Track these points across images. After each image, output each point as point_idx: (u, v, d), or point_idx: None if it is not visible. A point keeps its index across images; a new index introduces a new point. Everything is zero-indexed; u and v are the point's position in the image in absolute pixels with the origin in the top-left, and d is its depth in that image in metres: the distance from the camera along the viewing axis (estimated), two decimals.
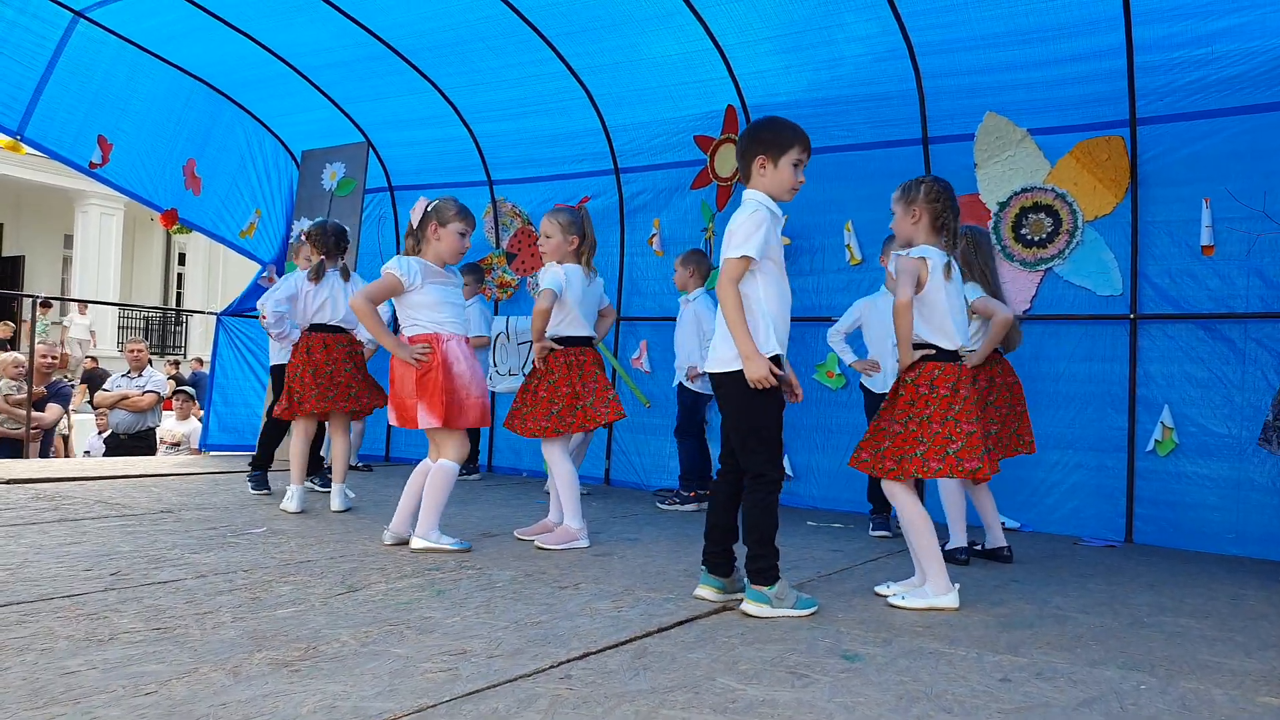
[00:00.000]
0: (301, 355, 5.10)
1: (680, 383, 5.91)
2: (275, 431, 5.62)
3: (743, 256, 3.08)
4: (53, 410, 8.48)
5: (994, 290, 4.25)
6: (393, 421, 4.12)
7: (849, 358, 5.09)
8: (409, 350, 3.97)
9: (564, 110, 7.08)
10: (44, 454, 8.53)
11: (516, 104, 7.21)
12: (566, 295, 4.23)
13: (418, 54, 7.01)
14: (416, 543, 3.97)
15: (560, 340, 4.30)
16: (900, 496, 3.37)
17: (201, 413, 9.14)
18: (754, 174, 3.23)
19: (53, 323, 17.51)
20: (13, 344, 12.76)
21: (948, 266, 3.37)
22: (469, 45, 6.77)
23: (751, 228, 3.10)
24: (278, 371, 5.65)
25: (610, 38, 6.39)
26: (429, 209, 4.08)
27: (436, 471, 4.03)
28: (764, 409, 3.17)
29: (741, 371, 3.09)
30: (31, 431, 8.23)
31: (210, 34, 6.99)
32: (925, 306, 3.34)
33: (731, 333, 3.10)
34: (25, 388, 8.19)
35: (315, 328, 5.14)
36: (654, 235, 7.00)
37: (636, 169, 7.12)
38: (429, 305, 4.04)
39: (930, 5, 5.39)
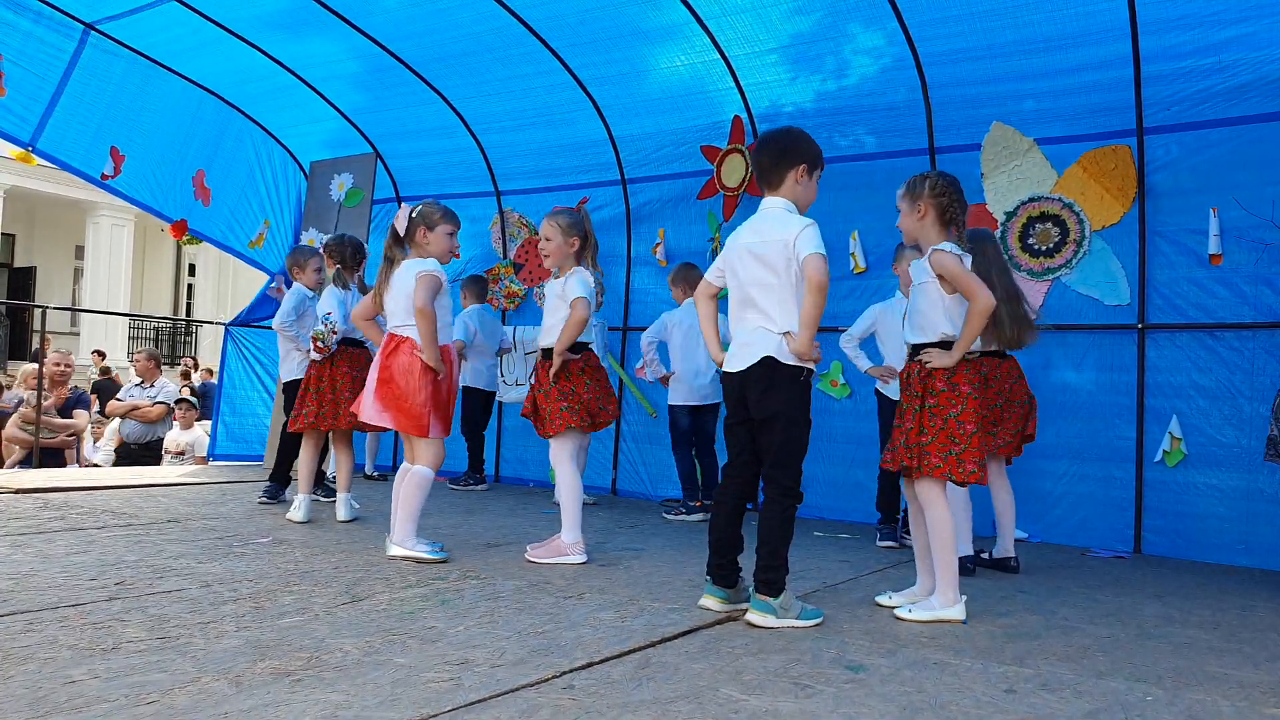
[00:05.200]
0: (316, 367, 5.09)
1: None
2: (292, 445, 5.59)
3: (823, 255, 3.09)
4: (81, 415, 8.55)
5: (1004, 296, 4.16)
6: (390, 425, 4.06)
7: (864, 364, 5.03)
8: (440, 362, 4.02)
9: (571, 121, 7.10)
10: (80, 459, 8.66)
11: (524, 115, 7.25)
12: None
13: (425, 65, 7.05)
14: (393, 550, 3.97)
15: (576, 348, 4.14)
16: (937, 502, 3.29)
17: (201, 421, 9.18)
18: (788, 181, 3.24)
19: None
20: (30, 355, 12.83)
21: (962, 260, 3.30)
22: (476, 57, 6.81)
23: (815, 234, 3.12)
24: (290, 388, 5.59)
25: (617, 49, 6.42)
26: (414, 215, 4.08)
27: (413, 478, 4.02)
28: (807, 416, 3.20)
29: (798, 368, 3.12)
30: (68, 438, 8.33)
31: (220, 46, 7.05)
32: (958, 305, 3.30)
33: (807, 330, 3.08)
34: (50, 398, 8.26)
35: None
36: (658, 244, 7.01)
37: (643, 179, 7.13)
38: (445, 309, 4.10)
39: (937, 16, 5.40)
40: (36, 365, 8.76)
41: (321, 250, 5.62)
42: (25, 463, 8.06)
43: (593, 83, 6.77)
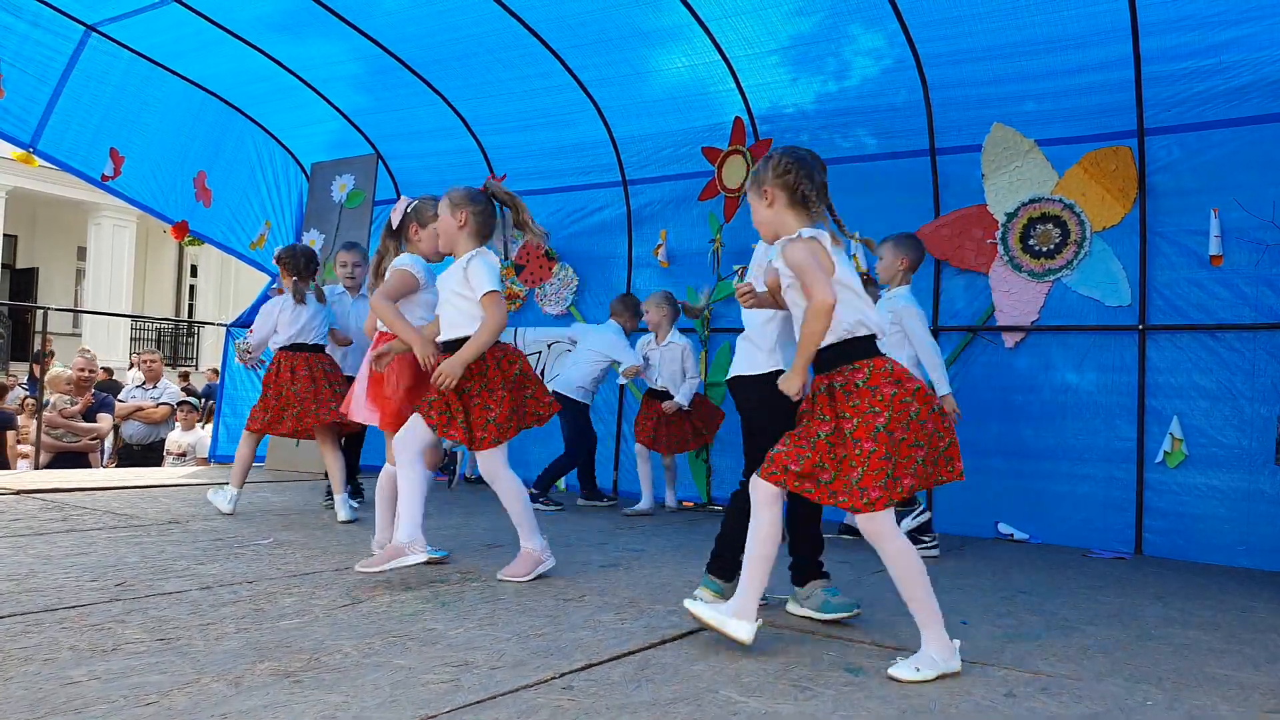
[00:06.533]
0: (271, 373, 5.16)
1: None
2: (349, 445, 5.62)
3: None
4: (104, 420, 8.62)
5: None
6: (371, 422, 4.03)
7: None
8: (435, 348, 3.69)
9: (572, 122, 7.11)
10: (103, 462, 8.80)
11: (525, 116, 7.24)
12: None
13: (426, 67, 7.05)
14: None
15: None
16: (890, 534, 2.68)
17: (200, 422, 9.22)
18: None
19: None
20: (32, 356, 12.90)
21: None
22: (477, 58, 6.81)
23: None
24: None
25: (618, 51, 6.42)
26: (409, 210, 4.01)
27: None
28: (777, 423, 3.17)
29: (762, 378, 3.21)
30: (92, 441, 8.43)
31: (221, 47, 7.05)
32: (845, 291, 2.75)
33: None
34: (78, 401, 8.36)
35: (294, 347, 5.18)
36: (660, 246, 7.01)
37: (644, 180, 7.13)
38: (432, 307, 3.97)
39: (938, 17, 5.40)
40: (64, 369, 8.84)
41: (274, 261, 5.68)
42: (51, 466, 8.14)
43: (594, 84, 6.77)
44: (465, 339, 3.55)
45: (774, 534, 2.77)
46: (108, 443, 9.10)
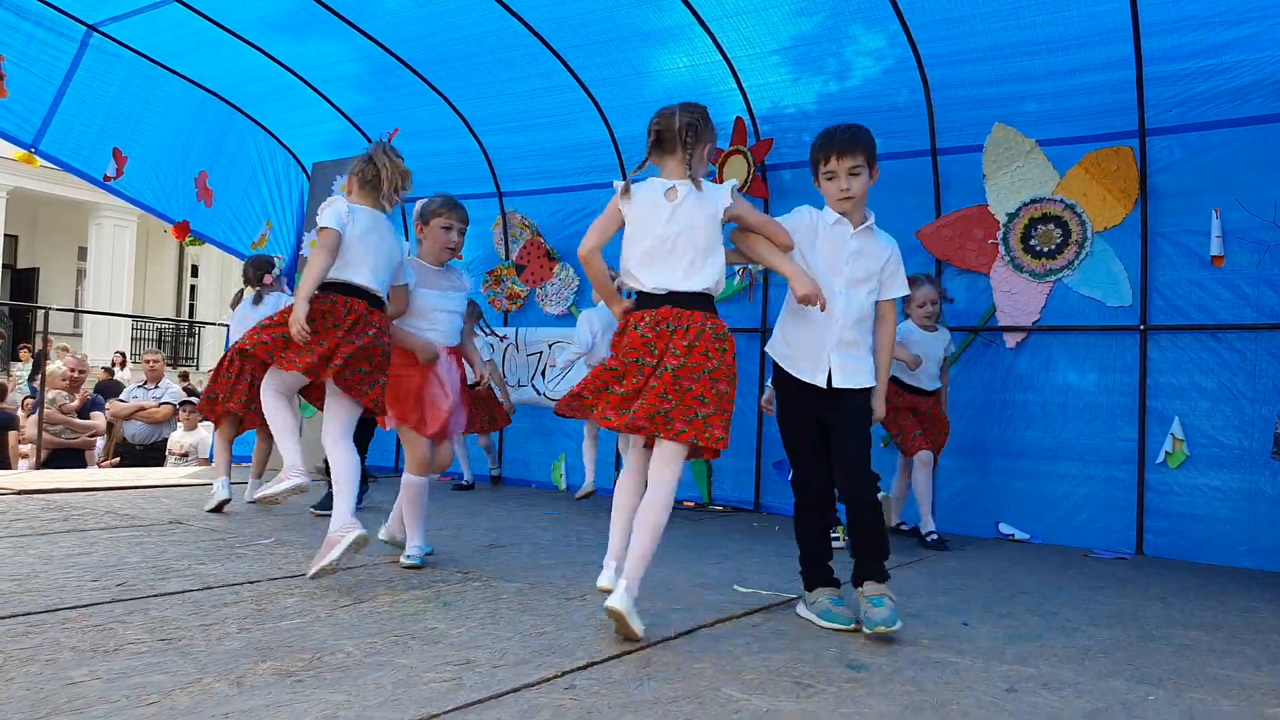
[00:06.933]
0: (222, 364, 5.54)
1: None
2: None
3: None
4: (99, 417, 8.66)
5: None
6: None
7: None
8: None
9: (573, 122, 7.10)
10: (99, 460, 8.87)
11: (526, 116, 7.24)
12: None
13: (428, 66, 7.06)
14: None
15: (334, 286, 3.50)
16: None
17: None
18: None
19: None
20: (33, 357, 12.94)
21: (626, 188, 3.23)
22: (478, 58, 6.82)
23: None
24: None
25: (619, 51, 6.42)
26: (417, 211, 4.09)
27: (404, 486, 3.92)
28: (779, 412, 3.28)
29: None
30: (89, 439, 8.53)
31: (222, 48, 7.06)
32: (628, 246, 3.28)
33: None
34: (74, 398, 8.42)
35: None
36: None
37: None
38: (418, 313, 3.92)
39: (939, 17, 5.40)
40: (61, 365, 8.86)
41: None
42: (49, 463, 8.17)
43: (595, 84, 6.77)
44: (340, 283, 3.49)
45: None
46: (101, 442, 9.13)
